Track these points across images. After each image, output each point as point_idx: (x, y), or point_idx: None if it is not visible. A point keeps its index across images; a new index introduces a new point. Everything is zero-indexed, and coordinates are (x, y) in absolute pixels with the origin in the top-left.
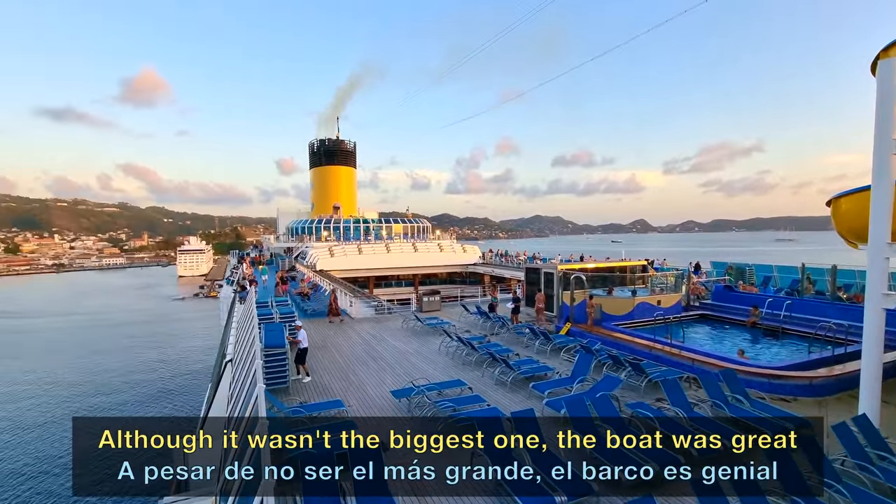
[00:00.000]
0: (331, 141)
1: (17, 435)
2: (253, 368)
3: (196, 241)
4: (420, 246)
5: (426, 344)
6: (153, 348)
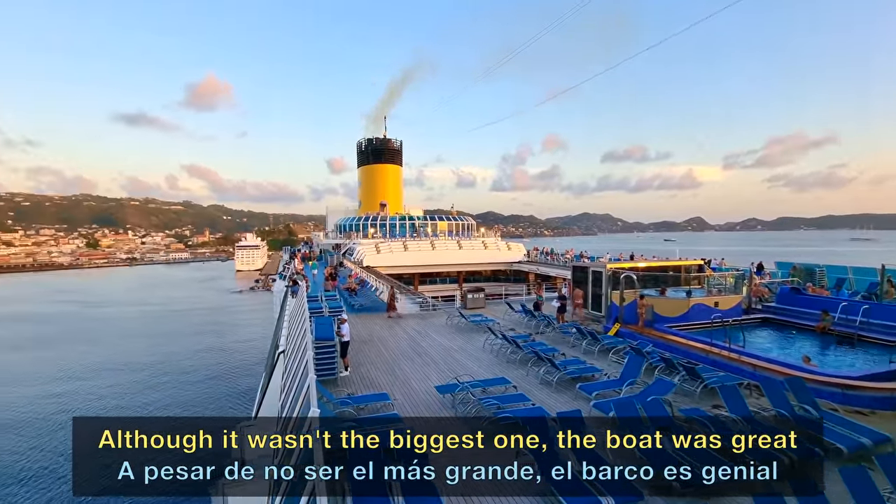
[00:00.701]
0: (378, 140)
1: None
2: (305, 360)
3: (252, 237)
4: (464, 243)
5: (470, 341)
6: (214, 337)
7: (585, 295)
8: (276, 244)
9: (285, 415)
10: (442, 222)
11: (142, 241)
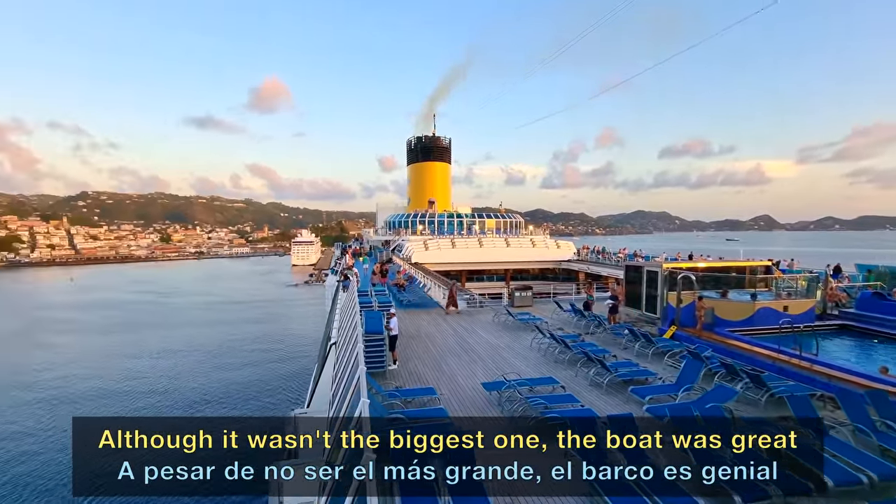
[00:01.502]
0: (427, 138)
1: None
2: (355, 352)
3: (307, 233)
4: (512, 241)
5: (517, 339)
6: (271, 327)
7: (639, 295)
8: (329, 240)
9: (336, 404)
10: (490, 220)
11: (208, 237)
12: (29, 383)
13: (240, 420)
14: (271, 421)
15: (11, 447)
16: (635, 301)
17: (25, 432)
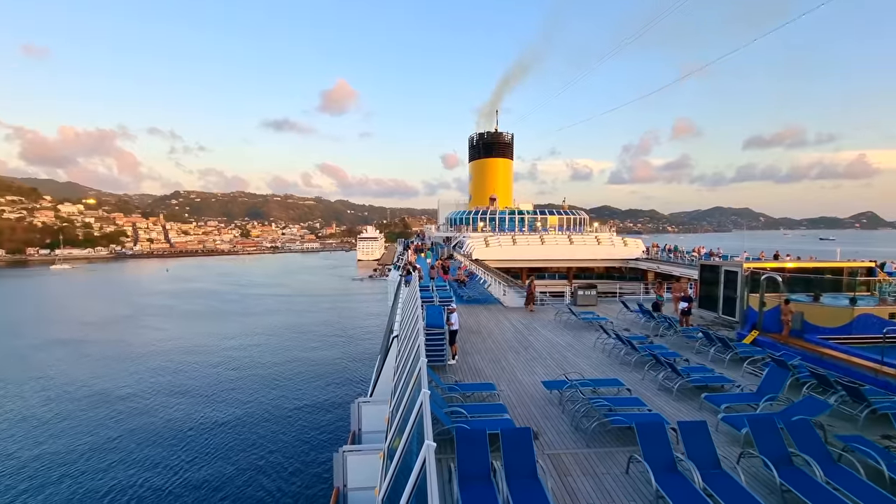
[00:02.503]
0: (489, 134)
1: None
2: (416, 344)
3: (372, 230)
4: (576, 238)
5: (580, 338)
6: (337, 318)
7: (715, 297)
8: (393, 236)
9: (398, 394)
10: (552, 216)
11: (282, 232)
12: (139, 356)
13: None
14: (337, 407)
15: (132, 407)
16: (711, 303)
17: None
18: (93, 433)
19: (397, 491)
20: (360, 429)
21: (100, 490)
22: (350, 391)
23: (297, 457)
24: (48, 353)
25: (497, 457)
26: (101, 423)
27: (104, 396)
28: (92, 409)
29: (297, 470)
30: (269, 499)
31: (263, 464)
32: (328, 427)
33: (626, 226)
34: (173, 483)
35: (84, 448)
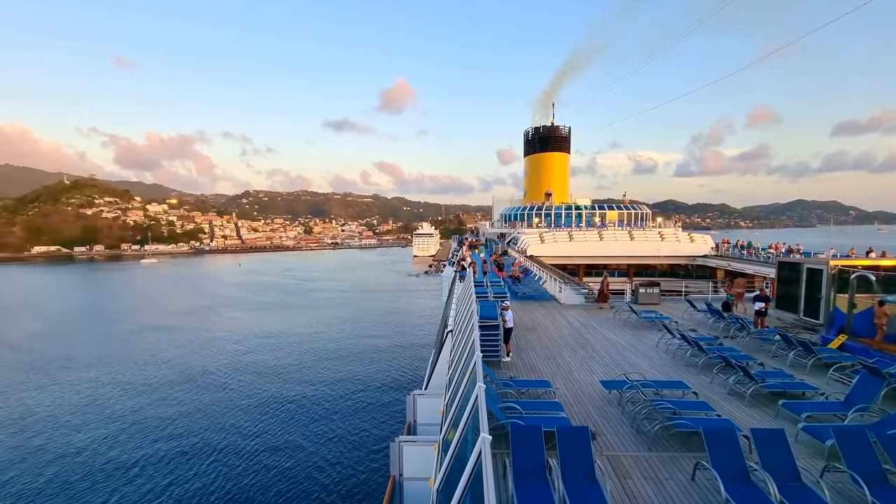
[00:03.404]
0: (545, 128)
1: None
2: (471, 339)
3: (427, 226)
4: (637, 234)
5: (641, 338)
6: (394, 312)
7: (795, 297)
8: (448, 233)
9: (453, 388)
10: (612, 212)
11: (342, 229)
12: (217, 342)
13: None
14: (393, 399)
15: (209, 384)
16: (790, 303)
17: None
18: (180, 405)
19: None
20: (415, 420)
21: (184, 448)
22: (405, 383)
23: (355, 445)
24: (143, 338)
25: (553, 455)
26: (184, 399)
27: (189, 375)
28: (179, 385)
29: (356, 457)
30: (330, 482)
31: (324, 450)
32: (384, 417)
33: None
34: (243, 455)
35: (172, 416)
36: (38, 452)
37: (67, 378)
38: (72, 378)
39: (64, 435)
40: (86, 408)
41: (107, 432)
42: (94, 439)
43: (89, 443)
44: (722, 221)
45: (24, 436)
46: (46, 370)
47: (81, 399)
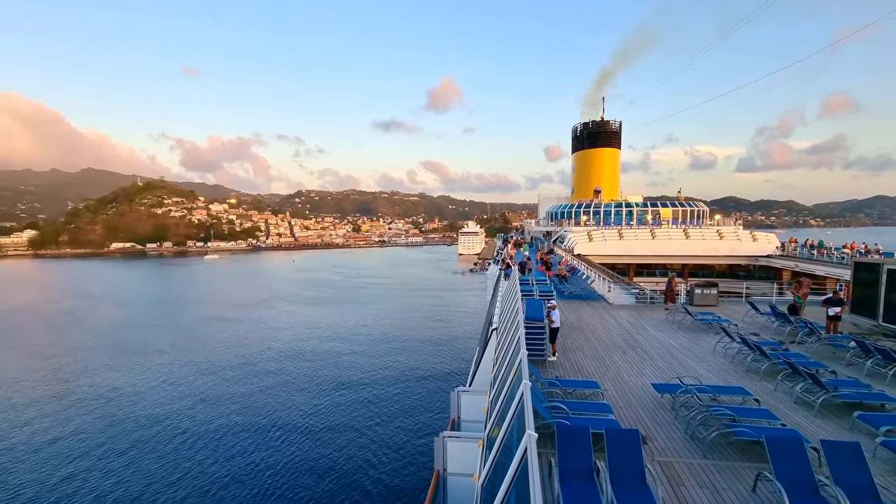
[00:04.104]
0: (594, 123)
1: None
2: (517, 337)
3: (472, 224)
4: (693, 232)
5: (696, 341)
6: (439, 309)
7: (874, 301)
8: (493, 231)
9: (497, 385)
10: (665, 209)
11: (389, 227)
12: (273, 332)
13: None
14: (437, 394)
15: (265, 372)
16: (867, 308)
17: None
18: (239, 386)
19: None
20: (459, 417)
21: (242, 424)
22: (449, 379)
23: (398, 436)
24: (208, 327)
25: (600, 457)
26: (243, 382)
27: (247, 362)
28: (239, 369)
29: (400, 450)
30: (374, 472)
31: (369, 441)
32: (427, 412)
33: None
34: (294, 436)
35: (233, 396)
36: (123, 422)
37: (145, 361)
38: (149, 361)
39: (144, 408)
40: (161, 386)
41: (179, 407)
42: (168, 413)
43: (165, 415)
44: (789, 219)
45: (111, 408)
46: (128, 354)
47: (157, 378)
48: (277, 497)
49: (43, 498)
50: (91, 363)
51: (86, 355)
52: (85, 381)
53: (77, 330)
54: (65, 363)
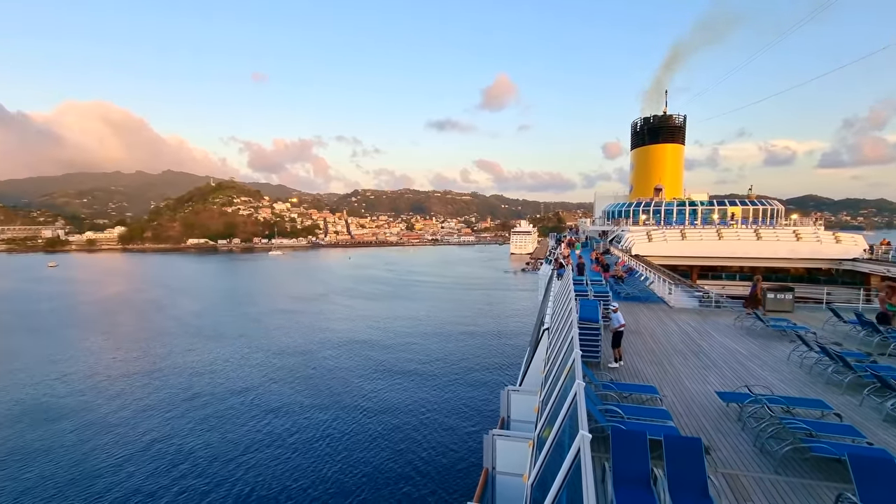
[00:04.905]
0: (655, 118)
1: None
2: (570, 336)
3: (525, 224)
4: (765, 233)
5: (768, 348)
6: (490, 308)
7: None
8: (546, 231)
9: (549, 385)
10: (734, 207)
11: (441, 226)
12: (331, 323)
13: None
14: (486, 392)
15: (325, 363)
16: None
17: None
18: (302, 371)
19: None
20: (508, 416)
21: (303, 404)
22: (499, 378)
23: (449, 434)
24: (273, 318)
25: (658, 465)
26: (305, 368)
27: (308, 350)
28: (301, 356)
29: (449, 447)
30: (423, 464)
31: (419, 436)
32: (477, 409)
33: (841, 219)
34: (348, 422)
35: (295, 379)
36: (202, 395)
37: (220, 346)
38: (223, 346)
39: (219, 384)
40: (234, 367)
41: (248, 385)
42: (242, 389)
43: (239, 391)
44: (879, 220)
45: (192, 384)
46: (205, 339)
47: (231, 361)
48: (331, 467)
49: (137, 453)
50: (175, 346)
51: (170, 339)
52: (170, 361)
53: (161, 317)
54: (152, 346)
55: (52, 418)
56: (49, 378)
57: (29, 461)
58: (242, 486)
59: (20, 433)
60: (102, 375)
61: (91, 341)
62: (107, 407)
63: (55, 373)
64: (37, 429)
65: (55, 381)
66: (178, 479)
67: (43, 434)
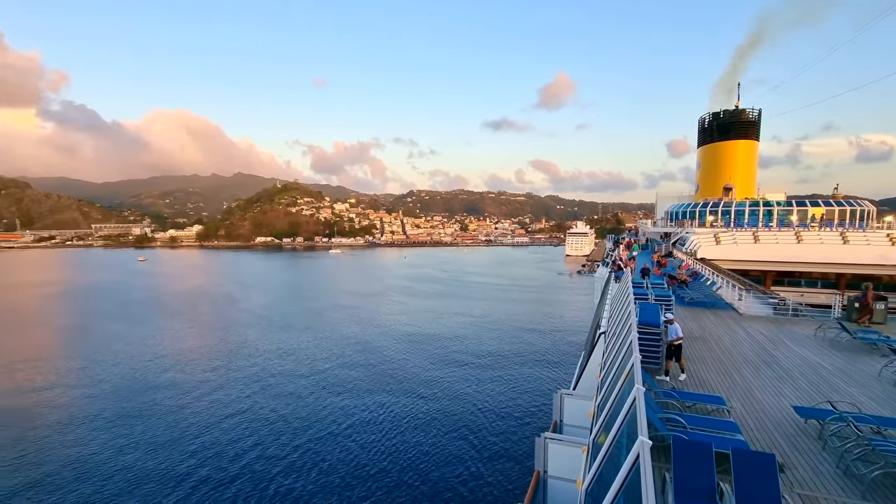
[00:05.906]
0: (726, 112)
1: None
2: (629, 340)
3: (582, 225)
4: (853, 236)
5: (855, 362)
6: (543, 310)
7: None
8: (604, 232)
9: (605, 390)
10: (816, 208)
11: (495, 227)
12: (388, 319)
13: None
14: (539, 395)
15: (380, 357)
16: None
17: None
18: (362, 361)
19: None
20: (561, 420)
21: (360, 395)
22: (551, 380)
23: (500, 436)
24: (335, 313)
25: (725, 479)
26: (364, 359)
27: (367, 345)
28: (360, 349)
29: (501, 449)
30: (476, 466)
31: (471, 437)
32: (529, 411)
33: None
34: (403, 417)
35: (357, 367)
36: (271, 377)
37: (288, 336)
38: (291, 336)
39: (288, 368)
40: (301, 355)
41: (314, 370)
42: (308, 372)
43: (306, 374)
44: None
45: (263, 368)
46: (275, 330)
47: (298, 349)
48: (385, 457)
49: (224, 418)
50: (248, 336)
51: (244, 330)
52: (245, 349)
53: (235, 309)
54: (228, 335)
55: (151, 387)
56: (144, 359)
57: (132, 423)
58: (306, 452)
59: (125, 399)
60: (188, 358)
61: (177, 328)
62: (192, 382)
63: (149, 354)
64: (139, 398)
65: (148, 362)
66: (256, 444)
67: (144, 402)
